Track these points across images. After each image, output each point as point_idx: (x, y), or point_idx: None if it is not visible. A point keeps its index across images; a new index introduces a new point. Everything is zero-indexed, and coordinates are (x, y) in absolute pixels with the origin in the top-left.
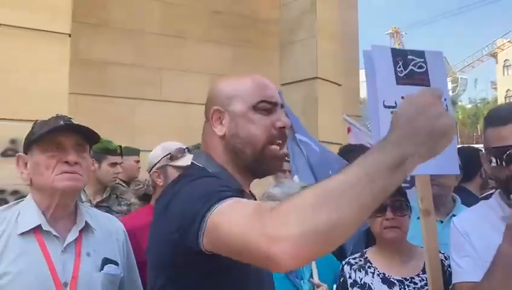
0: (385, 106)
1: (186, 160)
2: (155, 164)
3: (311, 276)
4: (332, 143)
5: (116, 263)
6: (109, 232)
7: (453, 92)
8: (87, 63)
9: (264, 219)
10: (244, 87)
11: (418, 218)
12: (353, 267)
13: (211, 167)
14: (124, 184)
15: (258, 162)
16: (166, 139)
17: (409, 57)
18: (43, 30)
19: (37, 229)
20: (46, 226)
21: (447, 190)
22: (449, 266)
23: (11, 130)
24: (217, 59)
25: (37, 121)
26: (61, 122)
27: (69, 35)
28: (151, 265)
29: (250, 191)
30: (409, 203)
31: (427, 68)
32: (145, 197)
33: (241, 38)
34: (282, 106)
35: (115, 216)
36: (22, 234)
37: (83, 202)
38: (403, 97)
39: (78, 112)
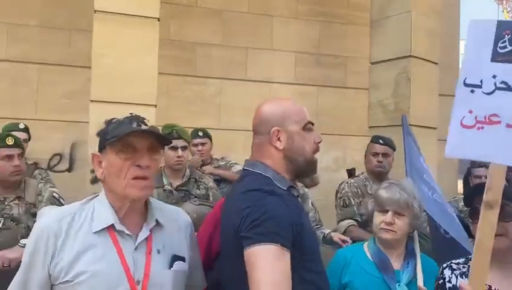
0: (465, 84)
1: None
2: None
3: (414, 280)
4: (426, 127)
5: (183, 259)
6: (178, 227)
7: None
8: (177, 44)
9: None
10: (292, 110)
11: None
12: (455, 272)
13: (270, 173)
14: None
15: (305, 168)
16: (251, 118)
17: None
18: (134, 15)
19: (111, 227)
20: (118, 226)
21: None
22: None
23: (107, 112)
24: (304, 37)
25: (112, 119)
26: (134, 125)
27: (158, 20)
28: (227, 254)
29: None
30: None
31: None
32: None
33: (329, 14)
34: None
35: (194, 199)
36: (97, 232)
37: (163, 186)
38: (494, 76)
39: (168, 93)
